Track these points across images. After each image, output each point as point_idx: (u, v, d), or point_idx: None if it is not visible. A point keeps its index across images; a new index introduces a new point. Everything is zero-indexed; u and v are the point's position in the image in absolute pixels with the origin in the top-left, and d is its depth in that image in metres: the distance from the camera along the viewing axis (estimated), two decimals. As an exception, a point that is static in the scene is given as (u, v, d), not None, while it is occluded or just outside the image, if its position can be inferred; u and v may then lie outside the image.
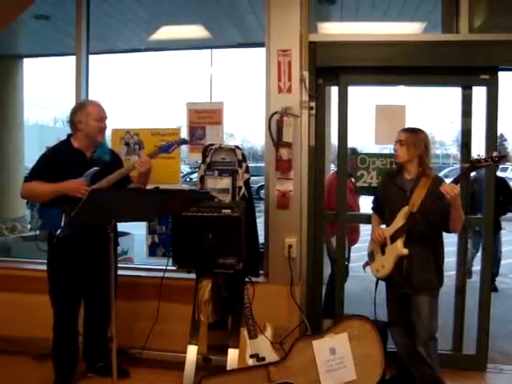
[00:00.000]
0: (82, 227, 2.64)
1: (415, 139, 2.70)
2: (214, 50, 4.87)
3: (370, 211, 3.08)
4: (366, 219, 3.13)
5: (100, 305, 2.92)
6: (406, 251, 2.62)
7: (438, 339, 2.72)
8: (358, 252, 4.48)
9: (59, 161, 2.80)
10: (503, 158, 2.48)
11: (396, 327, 2.85)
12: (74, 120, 2.84)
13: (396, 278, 2.70)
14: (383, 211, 2.88)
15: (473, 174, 3.34)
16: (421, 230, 2.64)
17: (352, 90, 3.27)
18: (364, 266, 2.93)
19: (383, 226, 2.86)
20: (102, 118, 2.85)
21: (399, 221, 2.66)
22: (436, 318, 2.71)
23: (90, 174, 2.75)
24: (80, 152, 2.83)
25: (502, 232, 5.64)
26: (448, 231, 2.70)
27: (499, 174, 6.33)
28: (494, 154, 2.52)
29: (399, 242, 2.64)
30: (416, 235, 2.64)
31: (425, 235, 2.66)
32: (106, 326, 2.98)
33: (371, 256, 2.87)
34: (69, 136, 2.89)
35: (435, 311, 2.70)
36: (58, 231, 2.72)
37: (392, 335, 2.89)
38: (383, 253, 2.75)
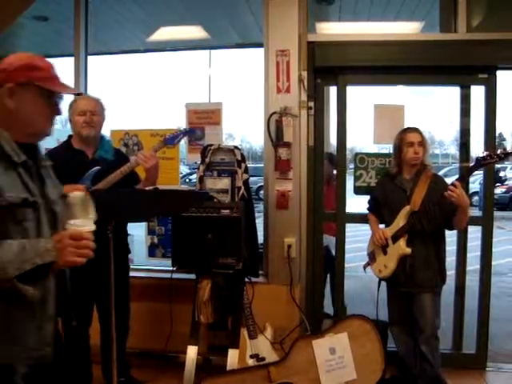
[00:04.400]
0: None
1: (425, 139, 2.75)
2: (212, 51, 4.86)
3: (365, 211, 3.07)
4: (365, 219, 3.12)
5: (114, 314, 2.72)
6: (409, 250, 2.63)
7: (440, 338, 2.72)
8: (358, 252, 4.49)
9: (58, 163, 2.65)
10: (509, 154, 2.45)
11: (397, 327, 2.85)
12: (69, 119, 2.70)
13: (399, 278, 2.70)
14: (381, 212, 2.87)
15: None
16: (423, 228, 2.64)
17: (351, 90, 3.28)
18: (365, 267, 2.92)
19: (382, 226, 2.86)
20: (84, 111, 2.61)
21: (400, 220, 2.66)
22: (439, 315, 2.73)
23: (91, 176, 2.59)
24: (81, 152, 2.68)
25: (502, 231, 5.63)
26: (451, 229, 2.70)
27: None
28: (499, 150, 2.49)
29: (402, 242, 2.64)
30: (418, 234, 2.65)
31: (427, 233, 2.66)
32: (123, 338, 2.83)
33: (372, 256, 2.85)
34: (69, 137, 2.75)
35: (438, 308, 2.72)
36: None
37: (393, 335, 2.89)
38: (385, 253, 2.75)
